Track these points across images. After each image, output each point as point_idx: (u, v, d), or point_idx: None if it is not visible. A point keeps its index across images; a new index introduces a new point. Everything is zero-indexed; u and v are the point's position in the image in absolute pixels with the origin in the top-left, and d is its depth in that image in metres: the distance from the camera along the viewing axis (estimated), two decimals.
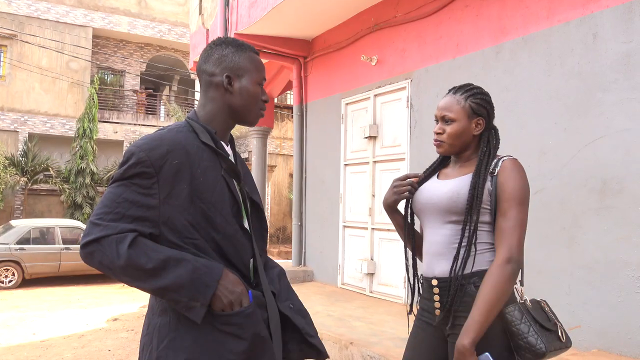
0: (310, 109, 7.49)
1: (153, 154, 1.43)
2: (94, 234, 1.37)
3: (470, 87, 1.92)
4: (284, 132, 18.28)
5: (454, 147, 1.90)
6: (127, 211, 1.40)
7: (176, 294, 1.39)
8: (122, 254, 1.35)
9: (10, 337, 6.31)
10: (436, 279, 1.84)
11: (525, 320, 1.71)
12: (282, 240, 18.25)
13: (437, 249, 1.86)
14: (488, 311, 1.66)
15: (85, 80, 19.06)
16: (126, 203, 1.40)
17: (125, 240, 1.36)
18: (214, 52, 1.63)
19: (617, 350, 3.51)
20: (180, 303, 1.41)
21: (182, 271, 1.39)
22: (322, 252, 7.09)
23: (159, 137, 1.48)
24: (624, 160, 3.57)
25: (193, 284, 1.40)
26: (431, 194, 1.90)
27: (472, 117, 1.88)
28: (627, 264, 3.51)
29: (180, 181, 1.45)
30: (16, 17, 18.18)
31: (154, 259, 1.38)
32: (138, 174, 1.42)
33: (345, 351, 4.12)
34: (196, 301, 1.40)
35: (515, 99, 4.37)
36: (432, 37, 5.30)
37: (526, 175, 1.81)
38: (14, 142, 17.94)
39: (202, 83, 1.65)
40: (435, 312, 1.85)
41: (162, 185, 1.43)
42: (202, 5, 8.84)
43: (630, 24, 3.58)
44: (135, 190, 1.41)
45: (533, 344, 1.68)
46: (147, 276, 1.38)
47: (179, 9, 21.12)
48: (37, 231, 11.17)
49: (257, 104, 1.67)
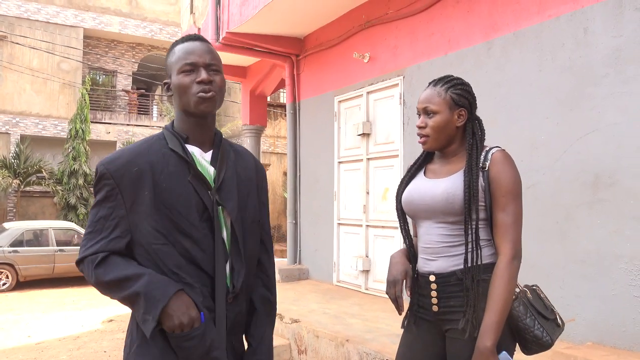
0: (304, 107, 7.48)
1: (111, 166, 1.51)
2: (80, 255, 1.53)
3: (450, 78, 1.91)
4: (278, 130, 18.27)
5: (438, 141, 1.87)
6: (103, 228, 1.51)
7: (135, 305, 1.48)
8: (91, 274, 1.50)
9: (5, 340, 6.28)
10: (434, 274, 1.83)
11: (530, 314, 1.74)
12: (277, 239, 18.24)
13: (434, 247, 1.85)
14: (503, 310, 1.68)
15: (77, 81, 18.95)
16: (101, 220, 1.51)
17: (96, 261, 1.49)
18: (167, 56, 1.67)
19: (611, 343, 3.54)
20: (138, 315, 1.49)
21: (139, 285, 1.46)
22: (317, 250, 7.10)
23: (121, 150, 1.57)
24: (615, 154, 3.59)
25: (147, 297, 1.45)
26: (423, 194, 1.87)
27: (453, 108, 1.86)
28: (620, 257, 3.53)
29: (142, 188, 1.50)
30: (6, 18, 18.05)
31: (116, 274, 1.48)
32: (103, 188, 1.51)
33: (341, 348, 4.13)
34: (148, 314, 1.45)
35: (507, 95, 4.39)
36: (423, 33, 5.31)
37: (516, 165, 1.81)
38: (5, 144, 17.83)
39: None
40: (432, 308, 1.84)
41: (124, 194, 1.50)
42: (194, 4, 8.81)
43: (621, 18, 3.59)
44: (106, 205, 1.51)
45: (540, 337, 1.73)
46: (112, 288, 1.50)
47: (170, 9, 21.03)
48: (31, 233, 11.11)
49: (187, 91, 1.54)
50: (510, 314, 1.73)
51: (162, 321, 1.45)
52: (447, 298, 1.81)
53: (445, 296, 1.81)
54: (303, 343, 4.61)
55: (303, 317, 4.87)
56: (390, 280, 1.88)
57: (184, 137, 1.58)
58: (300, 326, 4.69)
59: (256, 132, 9.68)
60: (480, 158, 1.81)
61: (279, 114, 18.19)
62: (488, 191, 1.77)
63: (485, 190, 1.78)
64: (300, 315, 4.94)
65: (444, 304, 1.81)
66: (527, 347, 1.76)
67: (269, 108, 16.89)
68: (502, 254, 1.74)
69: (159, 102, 21.15)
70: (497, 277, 1.71)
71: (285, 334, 4.89)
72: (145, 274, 1.47)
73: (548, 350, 1.77)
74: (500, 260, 1.73)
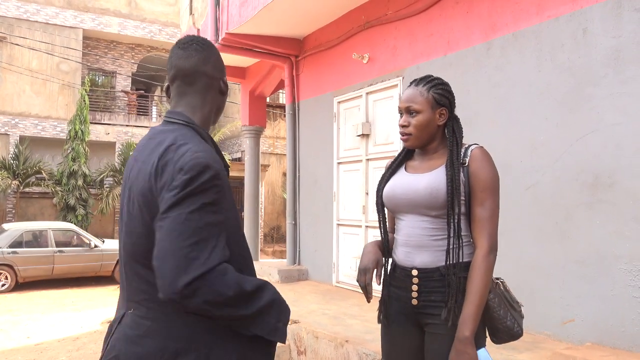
0: (303, 107, 7.48)
1: (217, 165, 1.36)
2: (201, 269, 1.23)
3: (431, 78, 1.96)
4: (277, 131, 18.27)
5: (420, 139, 1.93)
6: (210, 235, 1.29)
7: (267, 315, 1.37)
8: (230, 287, 1.28)
9: (4, 341, 6.27)
10: (416, 269, 1.86)
11: (504, 306, 1.83)
12: (276, 240, 18.24)
13: (417, 241, 1.88)
14: (481, 301, 1.73)
15: (76, 82, 18.95)
16: (209, 227, 1.30)
17: (228, 271, 1.29)
18: (211, 55, 1.57)
19: (610, 344, 3.54)
20: (268, 325, 1.38)
21: (269, 294, 1.39)
22: (317, 251, 7.10)
23: (202, 149, 1.37)
24: (614, 154, 3.59)
25: (278, 305, 1.41)
26: (406, 188, 1.91)
27: (435, 108, 1.91)
28: (619, 257, 3.53)
29: (229, 189, 1.44)
30: (5, 19, 18.04)
31: (252, 283, 1.36)
32: (211, 189, 1.32)
33: (340, 349, 4.12)
34: (280, 321, 1.39)
35: (507, 95, 4.39)
36: (423, 34, 5.31)
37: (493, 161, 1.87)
38: (5, 145, 17.82)
39: (199, 85, 1.55)
40: (411, 302, 1.87)
41: (226, 196, 1.39)
42: (193, 5, 8.82)
43: (620, 19, 3.60)
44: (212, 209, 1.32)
45: (511, 327, 1.83)
46: (250, 299, 1.34)
47: (170, 9, 21.03)
48: (30, 234, 11.10)
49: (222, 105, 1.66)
50: (486, 305, 1.79)
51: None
52: (428, 293, 1.84)
53: (426, 291, 1.84)
54: (302, 344, 4.61)
55: (302, 318, 4.87)
56: (361, 268, 1.92)
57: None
58: (299, 327, 4.69)
59: (255, 132, 9.67)
60: (461, 154, 1.86)
61: (278, 115, 18.19)
62: (467, 186, 1.82)
63: (465, 184, 1.83)
64: (300, 316, 4.94)
65: (425, 299, 1.84)
66: (497, 336, 1.86)
67: (268, 109, 16.89)
68: (480, 247, 1.79)
69: (158, 103, 21.15)
70: (474, 270, 1.77)
71: None
72: (265, 281, 1.42)
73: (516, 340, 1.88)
74: (478, 254, 1.79)
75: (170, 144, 1.37)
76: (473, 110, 4.68)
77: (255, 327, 1.36)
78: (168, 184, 1.31)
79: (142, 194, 1.37)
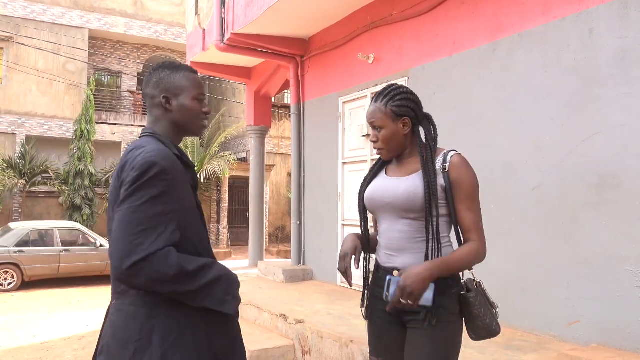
0: (308, 107, 7.49)
1: (167, 162, 1.59)
2: (144, 252, 1.46)
3: (388, 91, 2.01)
4: (282, 131, 18.27)
5: (391, 151, 2.01)
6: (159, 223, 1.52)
7: (214, 289, 1.60)
8: (171, 267, 1.50)
9: (10, 340, 6.31)
10: (397, 270, 1.93)
11: (484, 304, 1.91)
12: (281, 240, 18.25)
13: (397, 243, 1.97)
14: (456, 268, 1.86)
15: (82, 81, 19.01)
16: (158, 216, 1.52)
17: (170, 253, 1.51)
18: (152, 77, 1.80)
19: (616, 345, 3.53)
20: (214, 298, 1.60)
21: (215, 270, 1.63)
22: (322, 251, 7.10)
23: (157, 148, 1.62)
24: (620, 155, 3.58)
25: (228, 279, 1.65)
26: (385, 191, 1.99)
27: (396, 120, 1.97)
28: (625, 258, 3.52)
29: (186, 183, 1.69)
30: (12, 19, 18.12)
31: (196, 263, 1.58)
32: (159, 183, 1.54)
33: (345, 349, 4.13)
34: (229, 294, 1.64)
35: (512, 96, 4.38)
36: (428, 34, 5.31)
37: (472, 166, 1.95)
38: (11, 145, 17.90)
39: (148, 104, 1.82)
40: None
41: (178, 189, 1.62)
42: (199, 5, 8.84)
43: (626, 20, 3.58)
44: (161, 200, 1.54)
45: (489, 324, 1.91)
46: (195, 277, 1.56)
47: (175, 10, 21.07)
48: (36, 233, 11.14)
49: (198, 116, 1.82)
50: (468, 302, 1.88)
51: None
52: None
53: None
54: (307, 344, 4.62)
55: (307, 318, 4.88)
56: (341, 255, 2.02)
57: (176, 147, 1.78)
58: (304, 327, 4.70)
59: (261, 132, 9.69)
60: (437, 159, 1.94)
61: (283, 115, 18.19)
62: (450, 191, 1.90)
63: (446, 189, 1.91)
64: (305, 316, 4.95)
65: None
66: (476, 333, 1.93)
67: (274, 109, 16.89)
68: (477, 243, 1.89)
69: None
70: (465, 248, 1.88)
71: (290, 335, 4.90)
72: (212, 260, 1.67)
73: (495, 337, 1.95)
74: (473, 243, 1.88)
75: (132, 148, 1.64)
76: (478, 111, 4.67)
77: (203, 300, 1.59)
78: (124, 181, 1.56)
79: (112, 193, 1.64)
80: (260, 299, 5.85)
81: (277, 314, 5.19)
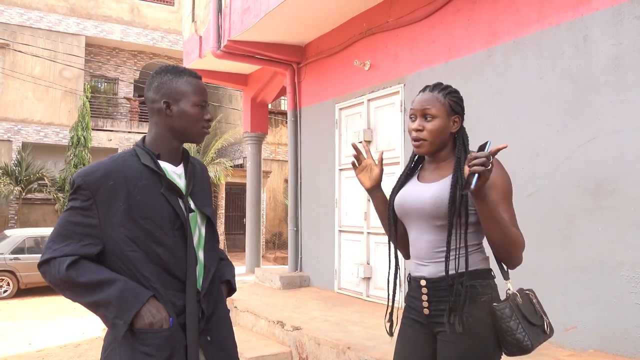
0: (305, 114, 7.50)
1: (89, 178, 1.62)
2: (46, 255, 1.59)
3: (445, 85, 1.96)
4: (279, 137, 18.30)
5: (434, 145, 1.90)
6: (73, 233, 1.60)
7: (105, 309, 1.58)
8: (60, 274, 1.57)
9: (6, 348, 6.27)
10: (425, 279, 1.87)
11: (515, 318, 1.77)
12: (278, 246, 18.23)
13: (424, 252, 1.89)
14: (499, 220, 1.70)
15: (79, 88, 19.01)
16: (72, 225, 1.61)
17: (67, 262, 1.57)
18: (154, 80, 1.79)
19: (613, 350, 3.53)
20: (107, 319, 1.60)
21: (113, 290, 1.57)
22: (318, 257, 7.09)
23: (97, 164, 1.69)
24: (616, 161, 3.60)
25: (120, 303, 1.56)
26: (414, 198, 1.91)
27: (451, 115, 1.91)
28: (621, 263, 3.53)
29: (116, 200, 1.62)
30: (8, 26, 18.13)
31: (91, 277, 1.57)
32: (78, 198, 1.62)
33: (342, 356, 4.12)
34: (119, 319, 1.56)
35: (508, 102, 4.40)
36: (424, 41, 5.33)
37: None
38: (7, 152, 17.87)
39: (149, 109, 1.81)
40: (423, 311, 1.89)
41: (99, 206, 1.61)
42: (195, 12, 8.86)
43: (620, 27, 3.61)
44: (79, 212, 1.61)
45: (521, 340, 1.77)
46: (83, 291, 1.59)
47: (172, 17, 21.12)
48: (32, 240, 11.11)
49: (198, 123, 1.78)
50: (495, 315, 1.78)
51: (133, 322, 1.57)
52: (437, 302, 1.85)
53: (435, 300, 1.85)
54: (304, 350, 4.61)
55: (304, 325, 4.87)
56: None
57: (156, 154, 1.74)
58: (301, 333, 4.69)
59: (257, 139, 9.70)
60: None
61: (280, 122, 18.22)
62: None
63: None
64: (302, 323, 4.94)
65: (435, 307, 1.85)
66: (507, 348, 1.82)
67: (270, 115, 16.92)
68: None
69: None
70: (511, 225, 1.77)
71: (287, 342, 4.88)
72: (119, 280, 1.59)
73: (529, 354, 1.83)
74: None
75: None
76: (474, 117, 4.68)
77: (100, 317, 1.62)
78: None
79: None
80: (257, 306, 5.83)
81: (274, 321, 5.18)
